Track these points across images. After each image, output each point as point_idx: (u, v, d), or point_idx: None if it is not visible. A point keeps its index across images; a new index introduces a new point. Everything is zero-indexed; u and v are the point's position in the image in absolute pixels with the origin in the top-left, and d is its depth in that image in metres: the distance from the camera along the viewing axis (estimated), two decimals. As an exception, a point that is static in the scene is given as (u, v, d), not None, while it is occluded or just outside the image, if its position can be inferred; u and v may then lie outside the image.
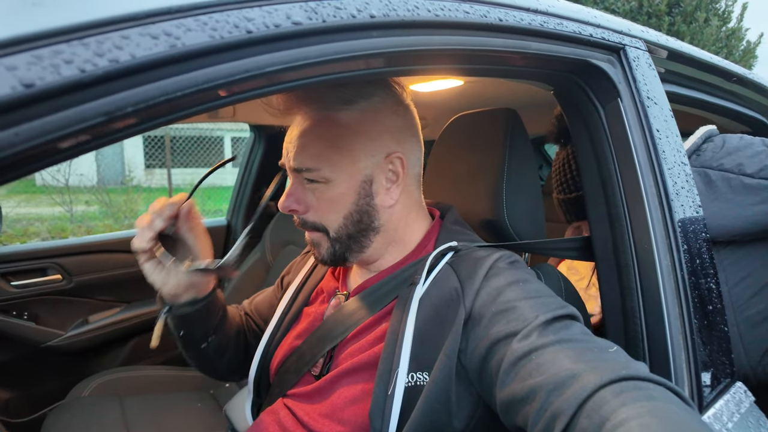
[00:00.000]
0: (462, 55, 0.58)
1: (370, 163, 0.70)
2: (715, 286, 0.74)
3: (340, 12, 0.43)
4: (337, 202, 0.70)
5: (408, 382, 0.61)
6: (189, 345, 0.85)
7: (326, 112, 0.70)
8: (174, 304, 0.78)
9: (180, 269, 0.73)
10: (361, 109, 0.70)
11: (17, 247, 1.76)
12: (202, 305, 0.79)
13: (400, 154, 0.72)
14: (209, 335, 0.84)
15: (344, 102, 0.69)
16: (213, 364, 0.89)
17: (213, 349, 0.85)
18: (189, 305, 0.78)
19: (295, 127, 0.72)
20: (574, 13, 0.71)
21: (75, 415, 1.39)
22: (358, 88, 0.70)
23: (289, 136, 0.72)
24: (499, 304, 0.61)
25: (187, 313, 0.79)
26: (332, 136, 0.69)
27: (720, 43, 6.84)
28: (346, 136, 0.69)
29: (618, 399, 0.44)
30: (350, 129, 0.69)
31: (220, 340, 0.86)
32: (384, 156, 0.71)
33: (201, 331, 0.82)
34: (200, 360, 0.88)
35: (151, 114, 0.34)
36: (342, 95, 0.69)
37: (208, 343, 0.84)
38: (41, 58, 0.29)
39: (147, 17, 0.33)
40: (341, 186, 0.70)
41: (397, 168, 0.72)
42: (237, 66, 0.37)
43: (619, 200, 0.74)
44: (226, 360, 0.89)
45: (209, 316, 0.82)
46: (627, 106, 0.73)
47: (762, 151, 0.93)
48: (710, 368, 0.70)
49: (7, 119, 0.28)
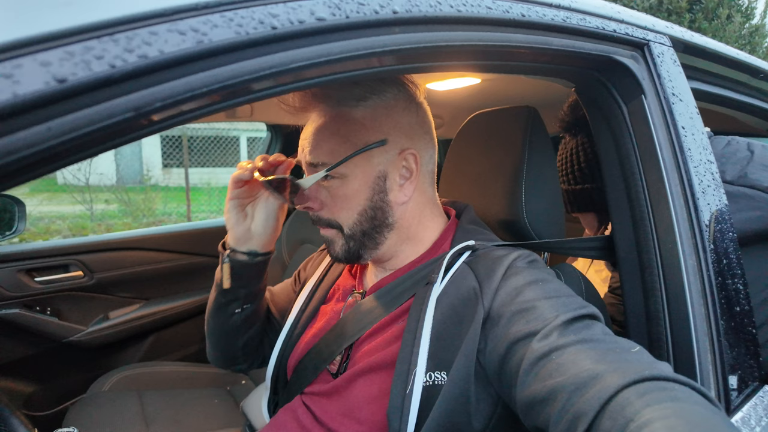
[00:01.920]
0: (483, 52, 0.57)
1: (384, 159, 0.71)
2: (742, 287, 0.72)
3: (363, 8, 0.43)
4: (351, 198, 0.71)
5: (426, 382, 0.61)
6: (225, 306, 0.86)
7: (340, 108, 0.71)
8: (235, 249, 0.82)
9: (269, 202, 0.80)
10: (374, 106, 0.71)
11: (41, 244, 1.80)
12: (258, 260, 0.83)
13: (414, 151, 0.72)
14: (248, 300, 0.86)
15: (357, 99, 0.70)
16: (233, 340, 0.90)
17: (242, 318, 0.87)
18: (248, 255, 0.82)
19: (310, 124, 0.73)
20: (597, 8, 0.69)
21: (96, 408, 1.42)
22: (370, 86, 0.71)
23: (305, 133, 0.74)
24: (519, 304, 0.60)
25: (244, 262, 0.82)
26: (346, 132, 0.70)
27: (743, 40, 6.67)
28: (360, 132, 0.70)
29: (642, 400, 0.43)
30: (363, 125, 0.70)
31: (252, 312, 0.88)
32: (397, 152, 0.71)
33: (245, 290, 0.85)
34: (224, 330, 0.88)
35: (178, 110, 0.34)
36: (355, 92, 0.70)
37: (242, 310, 0.86)
38: (73, 54, 0.29)
39: (175, 13, 0.33)
40: (355, 182, 0.70)
41: (411, 165, 0.72)
42: (262, 62, 0.37)
43: (643, 199, 0.72)
44: (247, 337, 0.89)
45: (258, 276, 0.85)
46: (651, 103, 0.72)
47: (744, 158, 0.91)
48: (737, 371, 0.68)
49: (40, 114, 0.28)
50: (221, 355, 0.93)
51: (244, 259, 0.82)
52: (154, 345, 1.92)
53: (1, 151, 0.27)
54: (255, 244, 0.82)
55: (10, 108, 0.27)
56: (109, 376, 1.63)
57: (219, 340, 0.91)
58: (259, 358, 0.95)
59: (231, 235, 0.82)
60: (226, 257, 0.83)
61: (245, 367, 0.95)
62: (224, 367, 0.96)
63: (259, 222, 0.81)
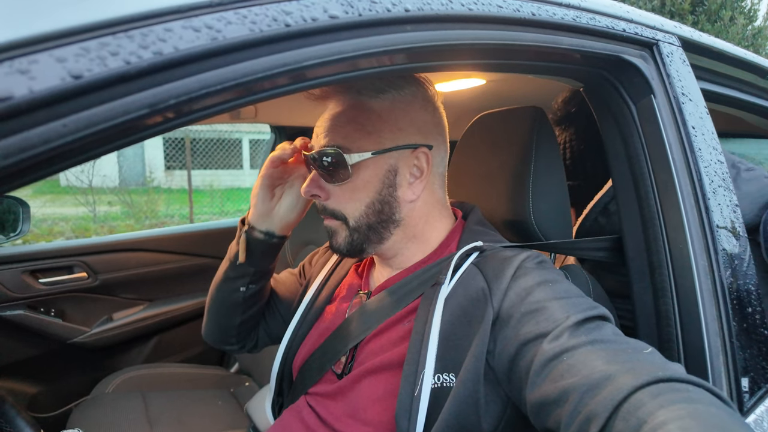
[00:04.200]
0: (493, 50, 0.57)
1: (396, 154, 0.71)
2: (754, 288, 0.71)
3: (375, 6, 0.43)
4: (360, 189, 0.71)
5: (434, 383, 0.61)
6: (232, 280, 0.86)
7: (359, 98, 0.71)
8: (254, 226, 0.83)
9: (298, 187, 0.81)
10: (392, 99, 0.71)
11: (46, 246, 1.81)
12: (274, 242, 0.84)
13: (426, 150, 0.72)
14: (254, 280, 0.86)
15: (377, 91, 0.71)
16: (232, 316, 0.90)
17: (245, 297, 0.87)
18: (265, 234, 0.83)
19: (327, 111, 0.74)
20: (606, 8, 0.69)
21: (100, 410, 1.42)
22: (390, 80, 0.71)
23: (321, 120, 0.74)
24: (528, 305, 0.60)
25: (260, 240, 0.83)
26: (363, 120, 0.70)
27: (746, 42, 6.66)
28: (376, 122, 0.70)
29: (655, 401, 0.43)
30: (380, 117, 0.71)
31: (256, 292, 0.88)
32: (411, 149, 0.71)
33: (254, 269, 0.85)
34: (225, 305, 0.89)
35: (191, 108, 0.34)
36: (375, 85, 0.71)
37: (247, 288, 0.87)
38: (89, 50, 0.29)
39: (190, 10, 0.33)
40: (366, 173, 0.70)
41: (422, 164, 0.72)
42: (275, 60, 0.37)
43: (652, 199, 0.72)
44: (245, 316, 0.90)
45: (269, 257, 0.87)
46: (660, 103, 0.72)
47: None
48: (750, 373, 0.67)
49: (56, 110, 0.28)
50: (216, 330, 0.93)
51: (260, 237, 0.83)
52: (158, 346, 1.92)
53: (18, 147, 0.27)
54: (274, 225, 0.83)
55: (26, 104, 0.27)
56: (113, 377, 1.63)
57: (218, 314, 0.91)
58: (252, 341, 0.96)
59: (253, 212, 0.83)
60: (243, 232, 0.84)
61: (236, 348, 0.96)
62: (216, 343, 0.96)
63: (284, 205, 0.83)
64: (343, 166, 0.69)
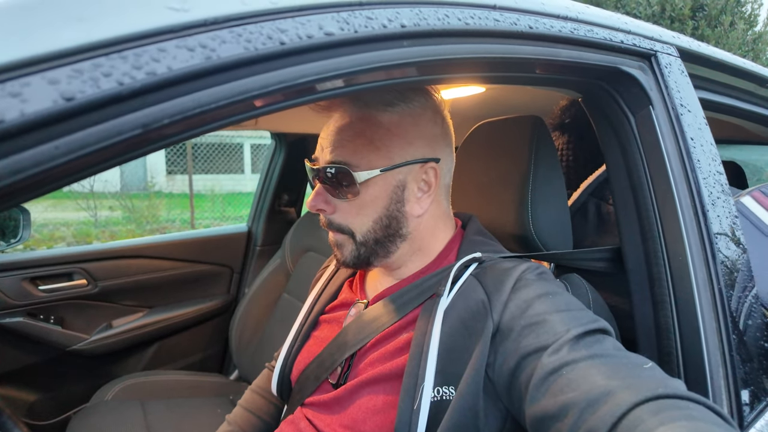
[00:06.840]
0: (491, 64, 0.57)
1: (405, 169, 0.70)
2: (753, 300, 0.71)
3: (371, 22, 0.43)
4: (368, 204, 0.69)
5: (434, 397, 0.60)
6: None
7: (367, 111, 0.69)
8: None
9: None
10: (401, 113, 0.70)
11: (45, 253, 1.81)
12: None
13: (434, 165, 0.71)
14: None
15: (385, 104, 0.69)
16: None
17: None
18: None
19: (333, 123, 0.71)
20: (604, 19, 0.69)
21: (99, 418, 1.41)
22: (399, 92, 0.70)
23: (325, 132, 0.72)
24: (529, 317, 0.59)
25: None
26: (371, 135, 0.68)
27: (746, 47, 6.67)
28: (384, 136, 0.69)
29: (656, 418, 0.43)
30: (389, 131, 0.69)
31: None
32: (419, 164, 0.70)
33: None
34: None
35: (186, 126, 0.34)
36: (384, 97, 0.69)
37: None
38: (81, 71, 0.29)
39: (183, 29, 0.33)
40: (375, 188, 0.69)
41: (430, 178, 0.71)
42: (270, 77, 0.36)
43: (651, 210, 0.72)
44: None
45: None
46: (659, 114, 0.71)
47: None
48: (750, 386, 0.67)
49: (47, 133, 0.28)
50: None
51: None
52: (158, 354, 1.91)
53: (9, 169, 0.27)
54: None
55: (17, 127, 0.27)
56: (113, 384, 1.62)
57: None
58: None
59: None
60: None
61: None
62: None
63: None
64: (351, 183, 0.68)
